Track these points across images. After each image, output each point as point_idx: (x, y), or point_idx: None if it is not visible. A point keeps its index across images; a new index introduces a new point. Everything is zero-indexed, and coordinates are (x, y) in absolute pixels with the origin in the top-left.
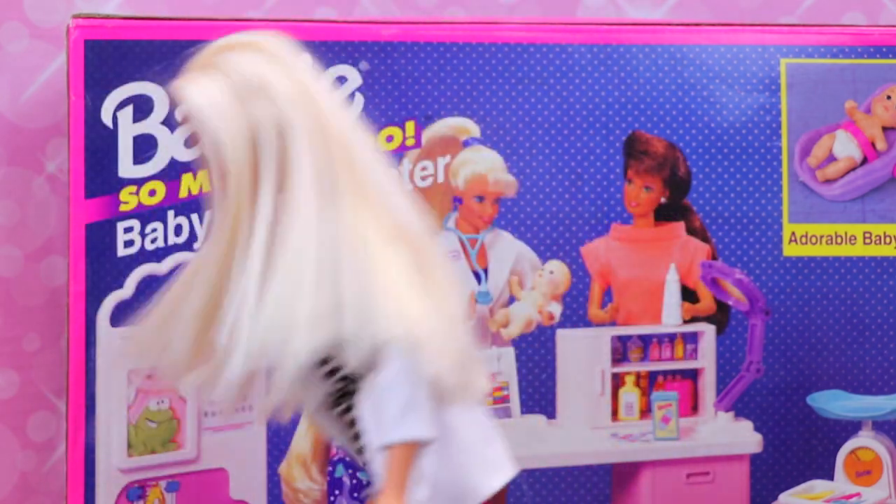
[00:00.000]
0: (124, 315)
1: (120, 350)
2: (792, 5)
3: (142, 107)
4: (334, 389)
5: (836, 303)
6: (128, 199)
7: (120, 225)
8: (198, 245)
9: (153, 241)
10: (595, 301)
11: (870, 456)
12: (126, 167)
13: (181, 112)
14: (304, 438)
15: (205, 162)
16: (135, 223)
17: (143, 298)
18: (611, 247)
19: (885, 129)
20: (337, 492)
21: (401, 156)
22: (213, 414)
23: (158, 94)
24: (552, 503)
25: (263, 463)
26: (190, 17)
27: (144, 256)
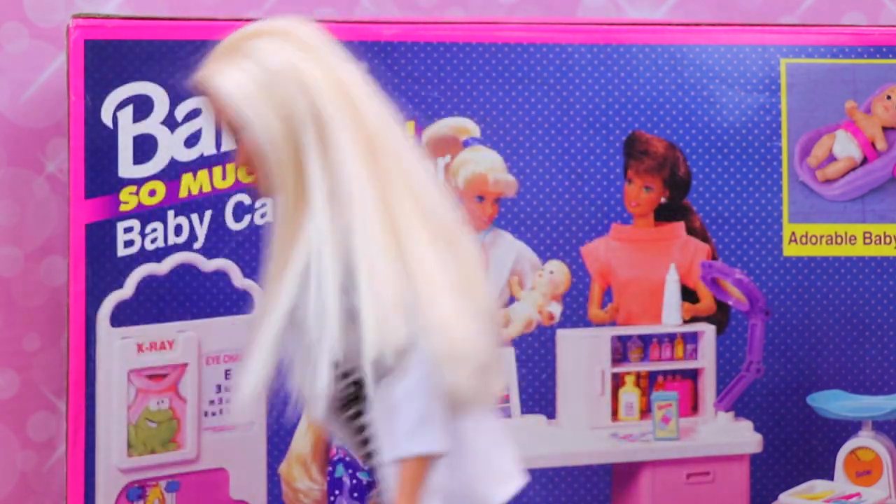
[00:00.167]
0: (124, 315)
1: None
2: (792, 5)
3: (142, 107)
4: (345, 394)
5: (836, 303)
6: (128, 199)
7: (120, 225)
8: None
9: (153, 241)
10: (595, 301)
11: (870, 456)
12: (126, 167)
13: (208, 103)
14: (304, 438)
15: (244, 157)
16: (135, 223)
17: (143, 298)
18: (611, 247)
19: (885, 129)
20: (337, 492)
21: None
22: (214, 414)
23: (158, 94)
24: (552, 503)
25: (263, 463)
26: (190, 17)
27: (144, 256)
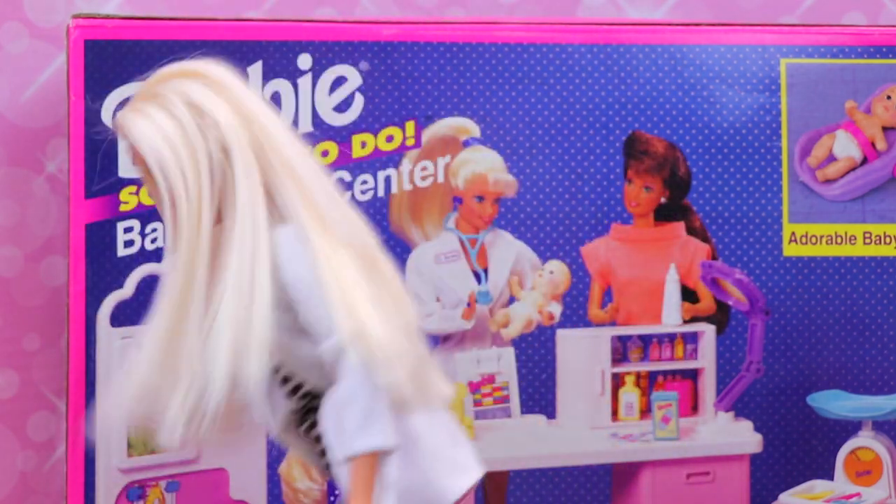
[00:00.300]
0: (124, 315)
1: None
2: (792, 5)
3: None
4: (298, 407)
5: (836, 303)
6: (128, 199)
7: (120, 225)
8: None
9: (153, 241)
10: (595, 301)
11: (870, 456)
12: (126, 167)
13: (125, 143)
14: None
15: (150, 189)
16: (135, 223)
17: (143, 298)
18: (611, 247)
19: (885, 129)
20: (337, 492)
21: (401, 156)
22: None
23: None
24: (552, 503)
25: (263, 463)
26: (190, 17)
27: (144, 256)
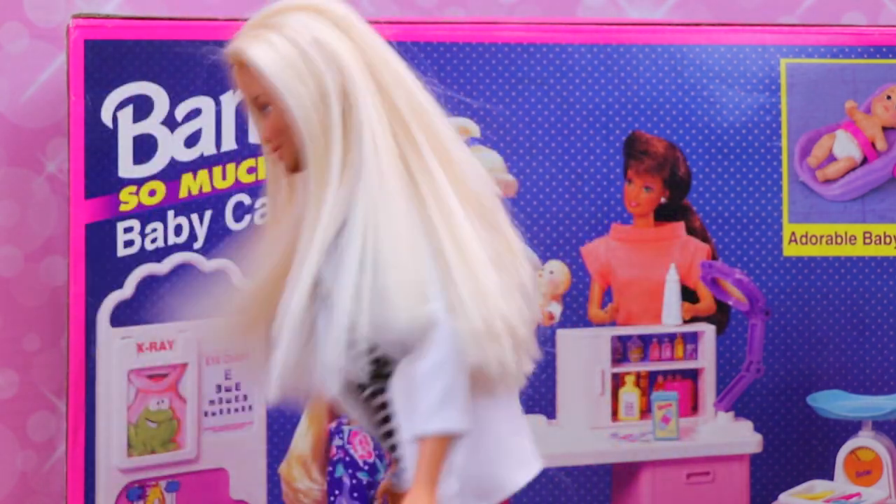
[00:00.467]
0: (124, 315)
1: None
2: (792, 5)
3: (142, 107)
4: (365, 371)
5: (836, 303)
6: (128, 199)
7: (120, 225)
8: (197, 246)
9: (153, 241)
10: (595, 301)
11: (870, 456)
12: (126, 167)
13: (238, 76)
14: (304, 438)
15: (271, 131)
16: (135, 223)
17: (143, 298)
18: (611, 247)
19: (885, 129)
20: (337, 492)
21: None
22: (214, 414)
23: (158, 94)
24: (552, 503)
25: (263, 463)
26: (190, 17)
27: (144, 256)
